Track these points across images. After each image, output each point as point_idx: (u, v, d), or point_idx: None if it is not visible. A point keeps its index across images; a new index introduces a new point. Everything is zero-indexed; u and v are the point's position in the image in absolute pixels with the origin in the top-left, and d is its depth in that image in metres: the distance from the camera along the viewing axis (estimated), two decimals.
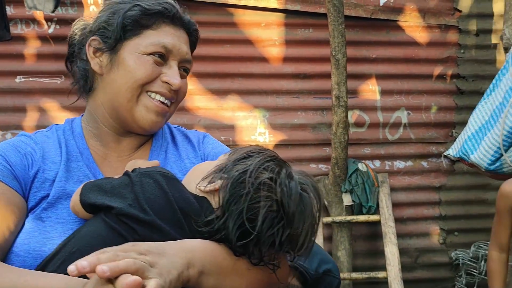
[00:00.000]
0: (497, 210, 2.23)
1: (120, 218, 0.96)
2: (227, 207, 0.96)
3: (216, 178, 1.02)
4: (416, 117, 4.11)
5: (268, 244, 0.95)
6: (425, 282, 4.19)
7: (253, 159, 1.01)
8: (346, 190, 3.77)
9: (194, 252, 0.93)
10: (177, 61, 1.27)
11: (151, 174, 1.03)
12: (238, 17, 3.84)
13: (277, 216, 0.95)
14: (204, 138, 1.42)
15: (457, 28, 4.07)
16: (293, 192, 0.97)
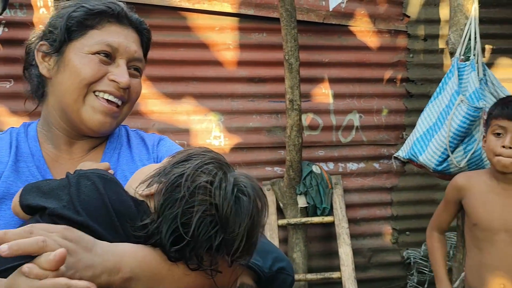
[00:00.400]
0: (446, 199, 2.34)
1: (53, 219, 0.94)
2: (162, 212, 0.94)
3: (154, 182, 1.00)
4: (367, 120, 4.20)
5: (205, 248, 0.93)
6: (378, 281, 4.29)
7: (192, 162, 0.99)
8: (301, 192, 3.82)
9: (124, 257, 0.91)
10: (125, 59, 1.25)
11: (89, 176, 1.01)
12: (192, 21, 3.84)
13: (213, 220, 0.93)
14: (160, 141, 1.40)
15: (406, 33, 4.19)
16: (228, 195, 0.95)
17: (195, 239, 0.91)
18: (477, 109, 2.80)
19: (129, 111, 1.33)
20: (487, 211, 2.14)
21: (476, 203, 2.18)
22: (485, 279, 2.15)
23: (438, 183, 4.21)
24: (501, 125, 2.05)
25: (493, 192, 2.16)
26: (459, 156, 2.89)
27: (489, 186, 2.18)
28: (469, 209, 2.21)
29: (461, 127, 2.82)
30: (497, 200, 2.13)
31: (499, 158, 2.04)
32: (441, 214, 2.40)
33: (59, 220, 0.93)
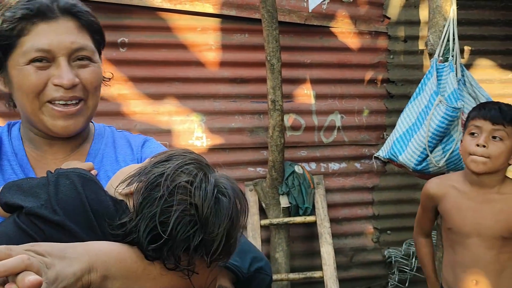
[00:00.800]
0: (422, 205, 2.37)
1: (30, 218, 0.94)
2: (140, 210, 0.94)
3: (134, 181, 1.00)
4: (349, 120, 4.24)
5: (182, 248, 0.93)
6: (360, 280, 4.33)
7: (173, 162, 1.00)
8: (283, 192, 3.84)
9: (99, 255, 0.89)
10: (64, 56, 1.17)
11: (68, 174, 1.01)
12: (174, 22, 3.84)
13: (192, 220, 0.93)
14: (145, 142, 1.40)
15: (386, 35, 4.23)
16: (208, 196, 0.95)
17: (173, 238, 0.92)
18: (455, 109, 2.84)
19: (95, 102, 1.26)
20: (460, 216, 2.17)
21: (450, 208, 2.21)
22: (459, 276, 2.20)
23: (419, 183, 4.25)
24: (476, 125, 2.08)
25: (466, 197, 2.18)
26: (438, 156, 2.93)
27: (462, 191, 2.19)
28: (444, 214, 2.25)
29: (440, 127, 2.86)
30: (470, 205, 2.15)
31: (473, 158, 2.07)
32: (421, 219, 2.45)
33: (35, 219, 0.94)
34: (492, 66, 4.44)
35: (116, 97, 3.78)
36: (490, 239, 2.12)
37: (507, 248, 2.13)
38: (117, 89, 3.77)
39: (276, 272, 3.86)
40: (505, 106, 2.08)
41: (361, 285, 4.34)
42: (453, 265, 2.23)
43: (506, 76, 4.47)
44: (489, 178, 2.11)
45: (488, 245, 2.12)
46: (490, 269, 2.13)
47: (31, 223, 0.94)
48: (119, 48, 3.77)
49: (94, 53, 1.23)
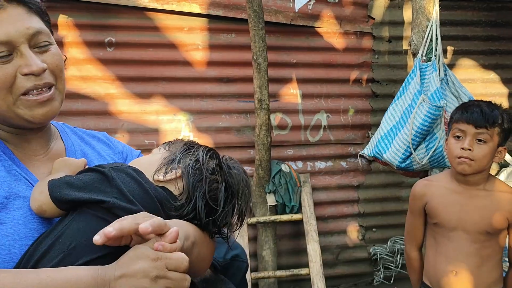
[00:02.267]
0: (411, 209, 2.38)
1: (112, 211, 1.02)
2: (193, 191, 1.12)
3: (171, 168, 1.15)
4: (335, 119, 4.29)
5: (225, 218, 1.16)
6: (346, 277, 4.38)
7: (197, 150, 1.19)
8: (270, 191, 3.87)
9: (188, 227, 1.10)
10: (25, 43, 1.12)
11: (122, 168, 1.11)
12: (161, 21, 3.86)
13: (229, 195, 1.16)
14: (107, 136, 1.46)
15: (371, 35, 4.29)
16: (239, 175, 1.18)
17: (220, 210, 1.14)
18: (438, 108, 2.90)
19: (63, 85, 1.23)
20: (447, 211, 2.22)
21: (437, 204, 2.25)
22: (440, 267, 2.25)
23: (403, 181, 4.33)
24: (460, 128, 2.12)
25: (453, 193, 2.23)
26: (421, 154, 2.99)
27: (449, 188, 2.25)
28: (431, 211, 2.28)
29: (423, 125, 2.92)
30: (456, 201, 2.21)
31: (458, 160, 2.12)
32: (411, 227, 2.41)
33: (118, 211, 1.02)
34: (474, 66, 4.52)
35: (103, 96, 3.79)
36: (474, 233, 2.18)
37: (489, 243, 2.19)
38: (104, 88, 3.78)
39: (263, 269, 3.90)
40: (487, 107, 2.12)
41: (347, 282, 4.39)
42: (435, 257, 2.28)
43: (488, 76, 4.55)
44: (475, 177, 2.18)
45: (471, 239, 2.18)
46: (470, 261, 2.18)
47: (115, 216, 1.00)
48: (106, 48, 3.78)
49: (49, 36, 1.19)
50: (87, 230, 1.00)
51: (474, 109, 2.11)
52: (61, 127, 1.38)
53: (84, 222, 1.03)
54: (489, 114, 2.09)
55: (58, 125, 1.38)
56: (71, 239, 1.00)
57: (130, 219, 0.95)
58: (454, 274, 2.20)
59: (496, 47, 4.54)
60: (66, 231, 1.02)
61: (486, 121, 2.08)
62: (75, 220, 1.04)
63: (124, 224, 0.93)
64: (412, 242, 2.43)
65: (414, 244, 2.42)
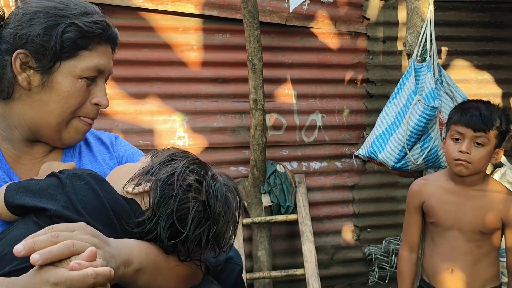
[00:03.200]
0: (409, 209, 2.39)
1: (54, 219, 0.96)
2: (158, 208, 1.01)
3: (143, 180, 1.06)
4: (329, 120, 4.29)
5: (196, 242, 1.03)
6: (341, 277, 4.38)
7: (178, 162, 1.07)
8: (265, 191, 3.87)
9: (133, 250, 0.98)
10: (103, 78, 1.26)
11: (81, 176, 1.04)
12: (156, 22, 3.85)
13: (204, 216, 1.03)
14: (116, 139, 1.43)
15: (366, 35, 4.29)
16: (219, 193, 1.06)
17: (189, 233, 1.02)
18: (433, 108, 2.90)
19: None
20: (444, 210, 2.23)
21: (434, 204, 2.26)
22: (437, 265, 2.28)
23: (398, 181, 4.33)
24: (459, 131, 2.12)
25: (449, 193, 2.25)
26: (416, 154, 2.99)
27: (446, 188, 2.26)
28: (428, 211, 2.29)
29: (418, 125, 2.92)
30: (453, 200, 2.23)
31: (456, 162, 2.13)
32: (407, 227, 2.40)
33: (60, 221, 0.95)
34: (468, 66, 4.53)
35: None
36: (469, 233, 2.20)
37: (484, 243, 2.21)
38: None
39: (258, 270, 3.89)
40: (486, 110, 2.11)
41: (342, 282, 4.39)
42: (432, 255, 2.31)
43: (482, 76, 4.57)
44: (471, 178, 2.19)
45: (467, 238, 2.20)
46: (465, 259, 2.21)
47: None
48: None
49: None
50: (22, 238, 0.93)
51: (473, 112, 2.10)
52: None
53: (24, 229, 0.98)
54: (488, 118, 2.09)
55: None
56: (5, 246, 0.96)
57: (49, 234, 0.86)
58: (450, 272, 2.23)
59: (490, 48, 4.55)
60: (6, 236, 0.99)
61: (485, 125, 2.08)
62: (17, 227, 1.00)
63: (36, 243, 0.83)
64: (405, 241, 2.43)
65: (406, 243, 2.42)
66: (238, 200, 1.12)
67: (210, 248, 1.07)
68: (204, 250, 1.07)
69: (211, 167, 1.14)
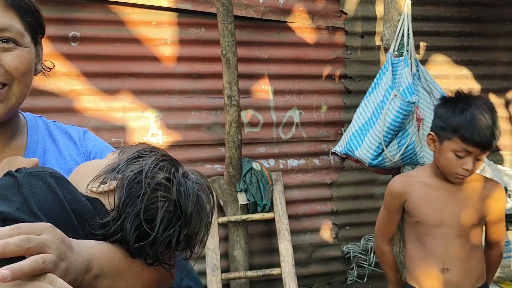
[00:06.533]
0: (387, 207, 2.31)
1: (6, 223, 0.86)
2: (124, 208, 0.94)
3: (109, 179, 0.98)
4: (307, 116, 4.22)
5: (164, 244, 0.96)
6: (319, 276, 4.32)
7: (147, 159, 1.00)
8: (241, 189, 3.79)
9: (94, 254, 0.89)
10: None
11: (39, 175, 0.94)
12: (127, 15, 3.73)
13: (174, 216, 0.96)
14: (84, 133, 1.34)
15: (343, 30, 4.23)
16: (191, 192, 0.98)
17: (157, 235, 0.94)
18: (410, 103, 2.85)
19: (21, 89, 1.16)
20: (429, 208, 2.17)
21: (418, 202, 2.19)
22: (429, 267, 2.20)
23: (376, 178, 4.28)
24: (468, 150, 2.02)
25: (434, 189, 2.18)
26: (393, 150, 2.94)
27: (430, 184, 2.20)
28: (412, 209, 2.21)
29: (395, 121, 2.86)
30: (438, 196, 2.17)
31: (456, 176, 2.08)
32: (386, 224, 2.35)
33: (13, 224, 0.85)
34: (447, 62, 4.50)
35: (68, 93, 3.66)
36: (458, 227, 2.15)
37: (473, 234, 2.17)
38: (68, 84, 3.65)
39: (235, 270, 3.81)
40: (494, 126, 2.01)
41: (321, 281, 4.33)
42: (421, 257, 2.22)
43: (460, 72, 4.54)
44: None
45: (457, 233, 2.15)
46: (459, 256, 2.16)
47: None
48: (70, 42, 3.64)
49: (22, 36, 1.13)
50: None
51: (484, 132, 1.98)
52: (33, 121, 1.28)
53: None
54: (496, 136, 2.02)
55: (33, 119, 1.29)
56: None
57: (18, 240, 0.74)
58: (446, 271, 2.17)
59: (468, 43, 4.53)
60: None
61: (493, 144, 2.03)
62: None
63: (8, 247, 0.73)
64: (385, 236, 2.38)
65: (387, 238, 2.38)
66: (212, 199, 1.05)
67: (180, 250, 0.99)
68: (174, 252, 0.99)
69: (184, 164, 1.06)
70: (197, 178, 1.03)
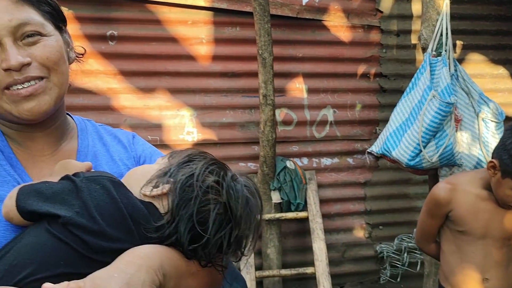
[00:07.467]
0: (429, 214, 2.26)
1: (68, 227, 0.91)
2: (177, 211, 0.96)
3: (161, 183, 1.01)
4: (341, 115, 4.20)
5: (217, 246, 0.98)
6: (352, 275, 4.31)
7: (197, 163, 1.02)
8: (275, 188, 3.80)
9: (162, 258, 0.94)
10: (8, 37, 1.05)
11: (97, 179, 0.98)
12: (164, 15, 3.78)
13: (224, 219, 0.98)
14: (133, 138, 1.35)
15: (379, 29, 4.20)
16: (240, 195, 1.00)
17: (211, 237, 0.96)
18: (449, 104, 2.82)
19: (61, 78, 1.13)
20: (477, 220, 2.13)
21: (465, 213, 2.15)
22: (470, 275, 2.18)
23: (411, 178, 4.25)
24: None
25: (482, 200, 2.14)
26: (431, 151, 2.91)
27: (477, 195, 2.15)
28: (458, 219, 2.17)
29: (433, 122, 2.84)
30: (486, 208, 2.12)
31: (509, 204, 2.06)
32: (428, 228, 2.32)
33: (74, 229, 0.91)
34: (483, 61, 4.43)
35: (105, 91, 3.72)
36: (502, 239, 2.14)
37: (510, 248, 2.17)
38: (106, 82, 3.71)
39: (268, 268, 3.83)
40: None
41: (353, 280, 4.32)
42: (461, 265, 2.19)
43: (497, 71, 4.46)
44: None
45: (499, 245, 2.14)
46: (499, 265, 2.14)
47: (69, 233, 0.91)
48: (108, 41, 3.71)
49: (43, 26, 1.10)
50: (34, 247, 0.91)
51: None
52: (83, 125, 1.29)
53: (35, 237, 0.93)
54: None
55: (82, 122, 1.30)
56: (15, 256, 0.91)
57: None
58: (486, 281, 2.15)
59: (505, 42, 4.45)
60: (16, 245, 0.93)
61: None
62: (28, 234, 0.95)
63: None
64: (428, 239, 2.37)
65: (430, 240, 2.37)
66: (260, 202, 1.06)
67: (231, 252, 1.01)
68: (225, 254, 1.01)
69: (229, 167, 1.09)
70: (245, 181, 1.05)
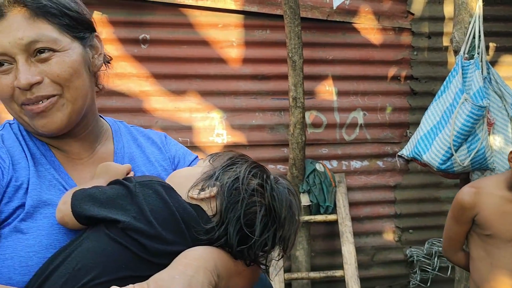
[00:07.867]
0: (455, 219, 2.25)
1: (126, 232, 0.96)
2: (226, 214, 1.00)
3: (207, 186, 1.04)
4: (371, 117, 4.18)
5: (261, 247, 1.03)
6: (381, 279, 4.28)
7: (240, 166, 1.06)
8: (304, 191, 3.81)
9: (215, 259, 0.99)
10: (21, 54, 1.04)
11: (149, 184, 1.03)
12: (195, 18, 3.83)
13: (269, 220, 1.02)
14: (166, 138, 1.37)
15: (410, 31, 4.16)
16: (283, 198, 1.04)
17: (257, 238, 1.01)
18: (481, 108, 2.78)
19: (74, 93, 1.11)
20: (503, 222, 2.11)
21: (491, 216, 2.13)
22: (498, 280, 2.15)
23: (442, 181, 4.20)
24: None
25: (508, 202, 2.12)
26: (463, 155, 2.88)
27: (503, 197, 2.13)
28: (484, 223, 2.15)
29: (465, 125, 2.81)
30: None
31: None
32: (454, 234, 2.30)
33: (132, 233, 0.96)
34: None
35: (138, 94, 3.79)
36: None
37: None
38: (138, 85, 3.78)
39: (297, 270, 3.84)
40: None
41: (382, 284, 4.29)
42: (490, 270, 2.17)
43: None
44: None
45: None
46: None
47: (129, 237, 0.96)
48: (140, 45, 3.77)
49: (55, 41, 1.07)
50: (96, 252, 0.95)
51: None
52: (116, 126, 1.31)
53: (96, 242, 0.97)
54: None
55: (115, 124, 1.32)
56: (78, 260, 0.95)
57: None
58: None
59: None
60: (77, 249, 0.97)
61: None
62: (88, 239, 0.99)
63: None
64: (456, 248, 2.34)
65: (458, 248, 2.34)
66: (299, 204, 1.11)
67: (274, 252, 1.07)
68: (268, 254, 1.06)
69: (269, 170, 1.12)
70: (287, 184, 1.09)
